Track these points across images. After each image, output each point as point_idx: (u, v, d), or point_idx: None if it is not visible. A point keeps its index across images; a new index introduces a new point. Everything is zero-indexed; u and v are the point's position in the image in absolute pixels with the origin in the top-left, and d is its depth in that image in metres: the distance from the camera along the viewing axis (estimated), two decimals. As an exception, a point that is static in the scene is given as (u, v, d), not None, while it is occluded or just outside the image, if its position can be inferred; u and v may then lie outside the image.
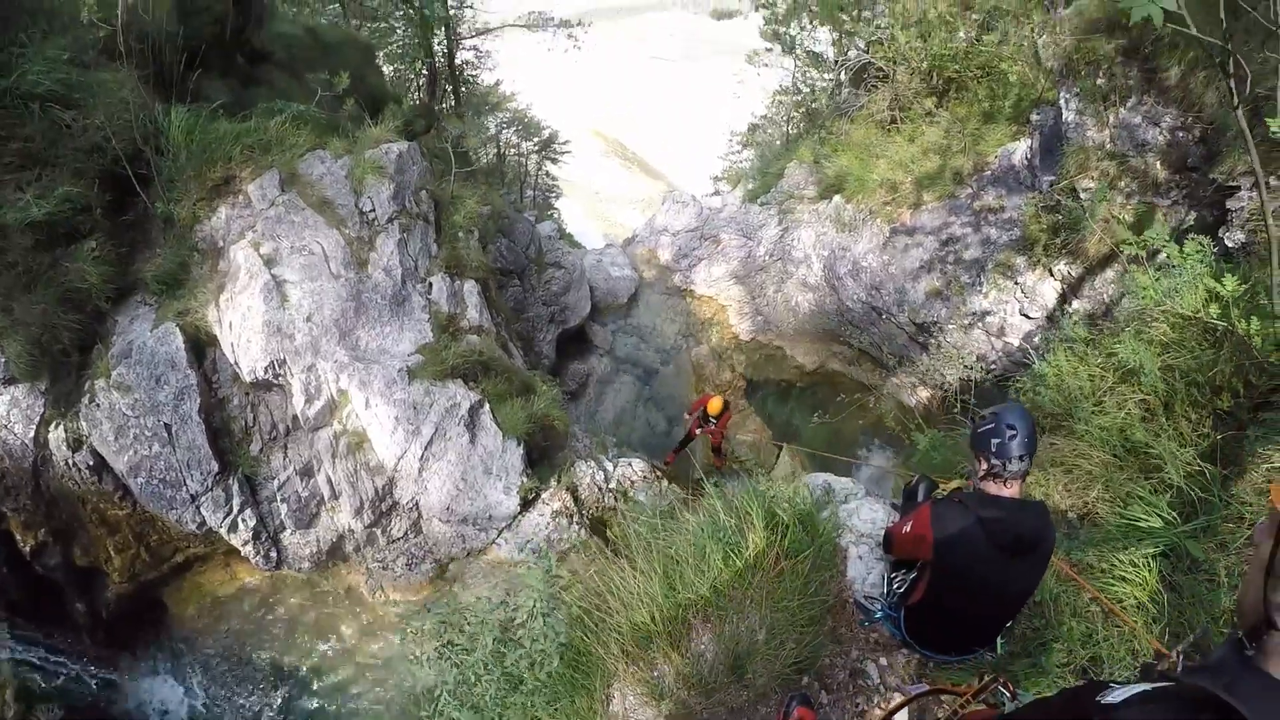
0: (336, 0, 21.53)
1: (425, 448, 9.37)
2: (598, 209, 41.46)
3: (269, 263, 9.27)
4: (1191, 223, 9.39)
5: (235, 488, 9.14)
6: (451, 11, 22.27)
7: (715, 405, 12.27)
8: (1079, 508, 5.57)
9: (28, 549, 8.93)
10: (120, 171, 8.73)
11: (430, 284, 10.53)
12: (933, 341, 13.71)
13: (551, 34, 24.38)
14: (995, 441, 3.27)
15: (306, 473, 9.51)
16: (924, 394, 13.93)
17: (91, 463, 8.74)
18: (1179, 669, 2.18)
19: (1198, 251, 6.52)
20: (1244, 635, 1.43)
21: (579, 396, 15.54)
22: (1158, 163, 10.21)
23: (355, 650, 9.99)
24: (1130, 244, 7.46)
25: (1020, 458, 3.27)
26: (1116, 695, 1.52)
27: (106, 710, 9.32)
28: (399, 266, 10.08)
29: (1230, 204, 8.58)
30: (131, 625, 9.80)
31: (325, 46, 14.86)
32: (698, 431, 12.84)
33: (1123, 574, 4.53)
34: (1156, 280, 6.70)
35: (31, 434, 8.56)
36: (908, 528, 3.62)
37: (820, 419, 13.89)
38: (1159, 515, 4.84)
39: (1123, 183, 10.55)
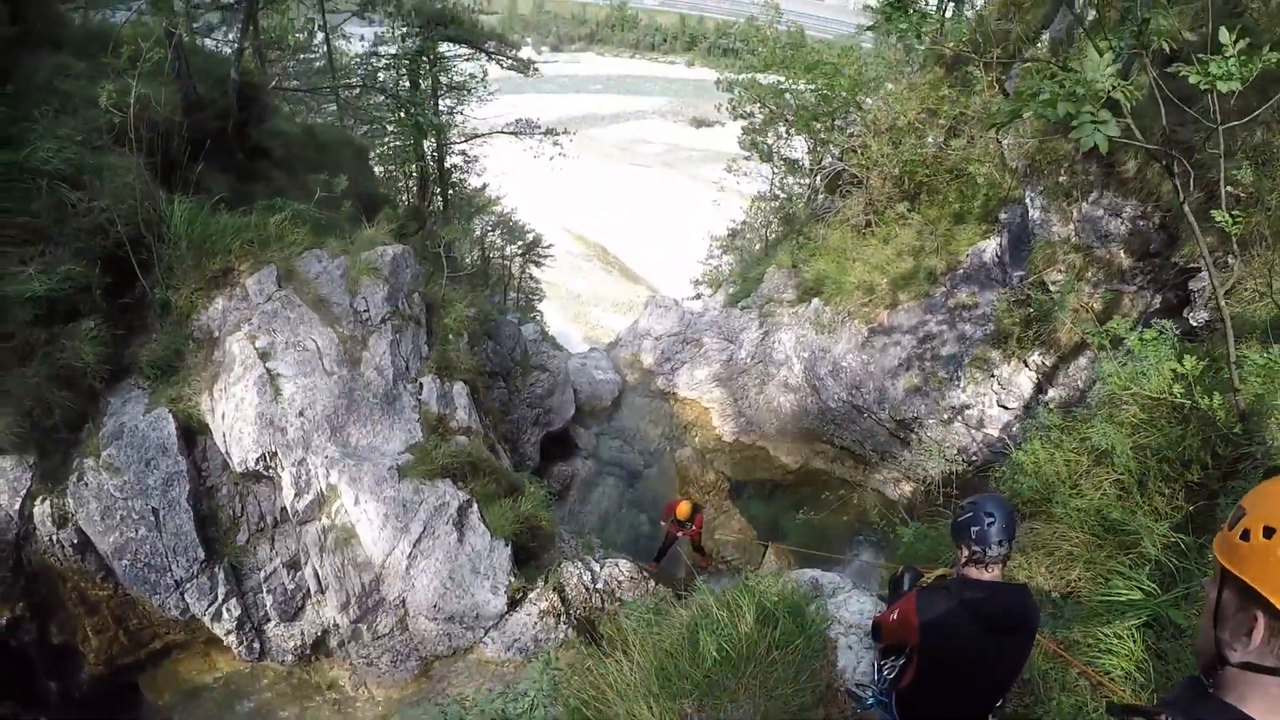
0: (334, 100, 22.16)
1: (414, 545, 9.37)
2: (579, 312, 41.91)
3: (264, 356, 9.41)
4: (1158, 305, 9.81)
5: (221, 576, 9.10)
6: (443, 117, 23.06)
7: (684, 510, 12.35)
8: (1061, 587, 5.70)
9: (2, 622, 8.73)
10: (121, 255, 8.91)
11: (421, 384, 10.71)
12: (914, 436, 13.93)
13: (537, 141, 25.25)
14: (975, 530, 3.35)
15: (293, 565, 9.50)
16: (907, 488, 14.08)
17: (76, 541, 8.69)
18: None
19: (1157, 337, 6.81)
20: (1201, 674, 1.56)
21: (563, 498, 15.50)
22: (1121, 251, 10.65)
23: (338, 748, 9.75)
24: (1095, 335, 7.80)
25: (999, 543, 3.35)
26: None
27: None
28: (391, 366, 10.26)
29: (1192, 285, 8.94)
30: (104, 709, 9.49)
31: (321, 146, 15.31)
32: (677, 534, 12.84)
33: (1108, 647, 4.63)
34: (1123, 366, 6.99)
35: (17, 506, 8.51)
36: (894, 615, 3.72)
37: (805, 516, 14.00)
38: (1139, 588, 4.97)
39: (1089, 273, 10.96)
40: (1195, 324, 8.34)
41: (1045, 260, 11.56)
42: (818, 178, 20.81)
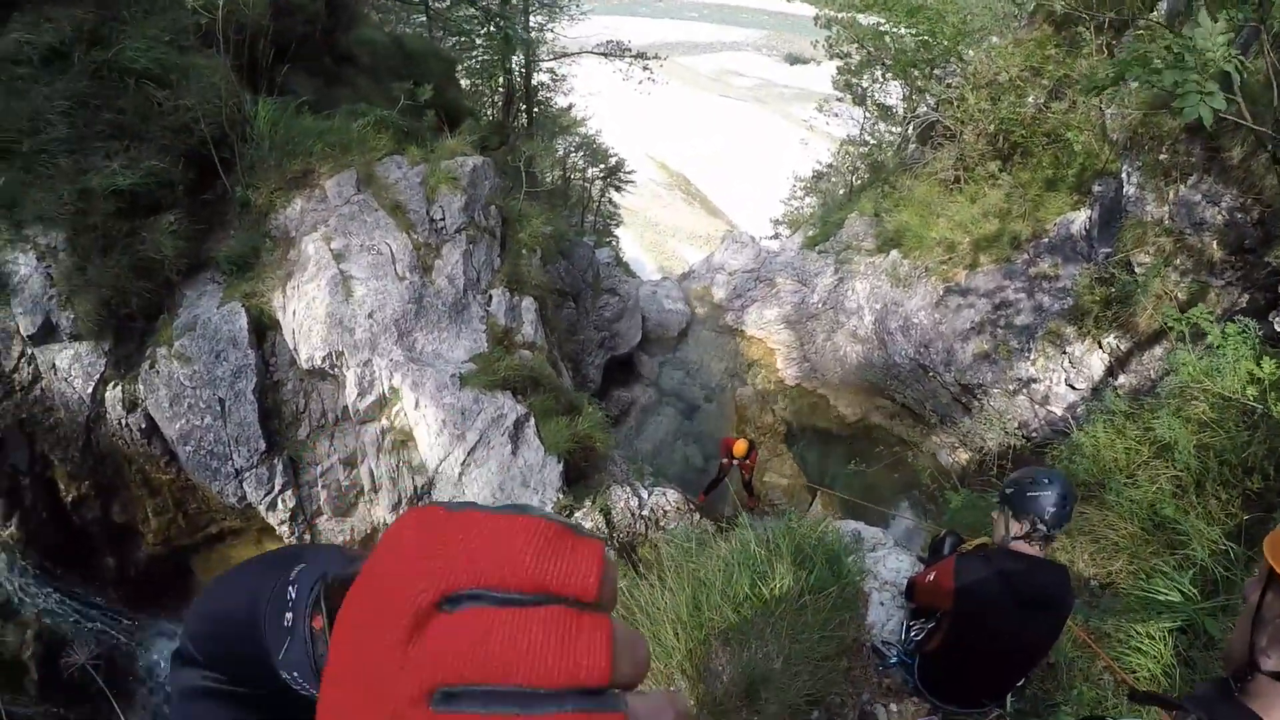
0: (423, 11, 22.07)
1: (468, 453, 9.50)
2: (655, 241, 41.56)
3: (338, 257, 9.52)
4: (1244, 304, 9.45)
5: (279, 468, 9.30)
6: (533, 34, 22.76)
7: (740, 448, 12.41)
8: (1102, 577, 5.65)
9: (69, 500, 9.12)
10: (204, 153, 9.05)
11: (490, 296, 10.76)
12: (976, 403, 13.75)
13: (627, 64, 24.91)
14: (1038, 506, 3.31)
15: (350, 463, 9.66)
16: (962, 455, 13.94)
17: (144, 425, 8.98)
18: None
19: (1240, 333, 6.61)
20: (1230, 677, 1.52)
21: (620, 424, 15.60)
22: (1214, 242, 10.23)
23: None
24: (1176, 320, 7.59)
25: (1058, 525, 3.34)
26: None
27: (129, 661, 9.47)
28: (462, 276, 10.33)
29: None
30: (158, 588, 9.90)
31: (408, 55, 15.24)
32: (728, 465, 12.93)
33: (1138, 645, 4.59)
34: (1199, 359, 6.79)
35: (90, 390, 8.81)
36: (930, 577, 3.71)
37: (856, 469, 13.91)
38: (1180, 590, 4.90)
39: (1178, 260, 10.58)
40: None
41: (1134, 240, 11.16)
42: (910, 126, 20.25)
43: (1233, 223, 10.09)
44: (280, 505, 9.44)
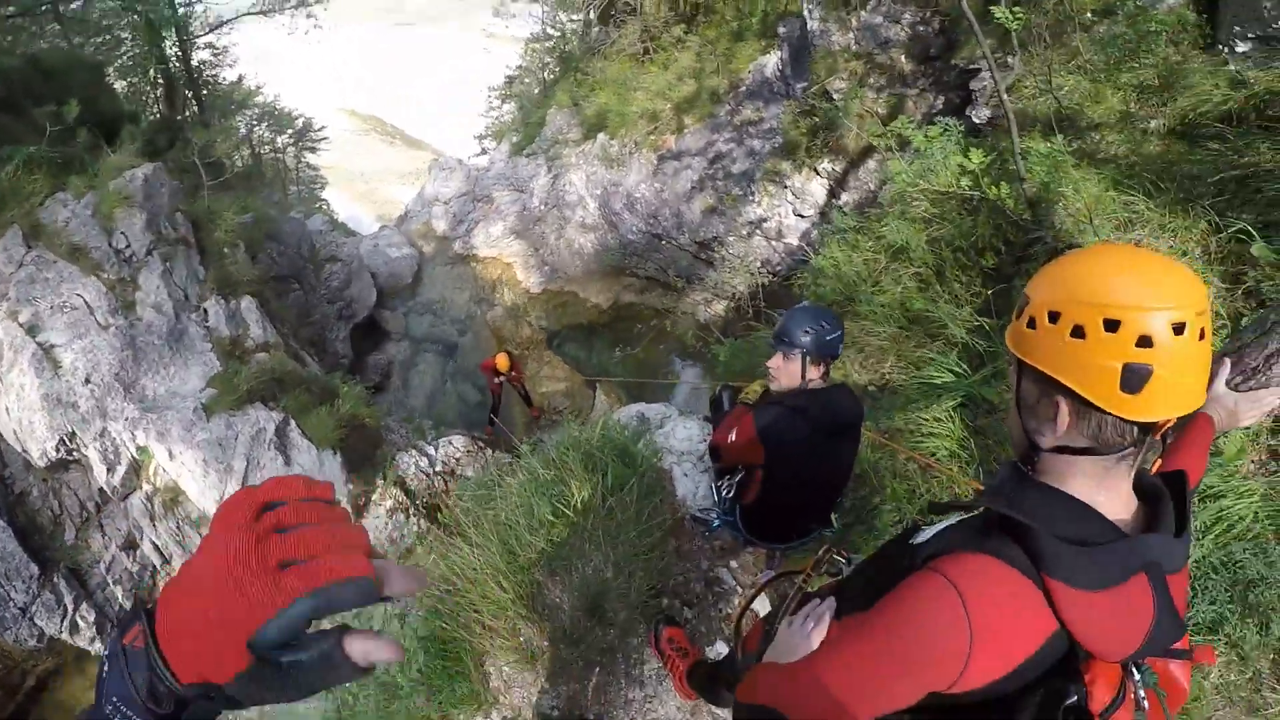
0: (54, 21, 19.56)
1: (242, 482, 8.93)
2: (366, 191, 39.91)
3: (31, 331, 8.66)
4: (940, 106, 10.10)
5: (63, 585, 8.57)
6: (180, 9, 20.69)
7: (501, 362, 12.27)
8: (877, 380, 5.95)
9: None
10: None
11: (205, 310, 10.07)
12: (716, 256, 14.13)
13: (289, 16, 23.43)
14: (805, 339, 3.37)
15: (130, 545, 9.02)
16: (719, 307, 14.35)
17: None
18: None
19: (943, 133, 6.94)
20: (1019, 462, 1.58)
21: (385, 387, 15.20)
22: (902, 56, 10.82)
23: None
24: (881, 136, 7.89)
25: (823, 351, 3.42)
26: (923, 535, 1.64)
27: None
28: (169, 300, 9.58)
29: (973, 85, 9.20)
30: None
31: (48, 74, 13.57)
32: (498, 385, 12.78)
33: (930, 430, 4.82)
34: (911, 164, 7.17)
35: None
36: (733, 436, 3.69)
37: (624, 352, 14.17)
38: (950, 370, 5.18)
39: (871, 79, 11.12)
40: (978, 121, 8.64)
41: (827, 70, 11.61)
42: (589, 10, 20.04)
43: (916, 36, 10.68)
44: (81, 624, 8.71)
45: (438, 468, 10.39)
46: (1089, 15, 7.44)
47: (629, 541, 4.55)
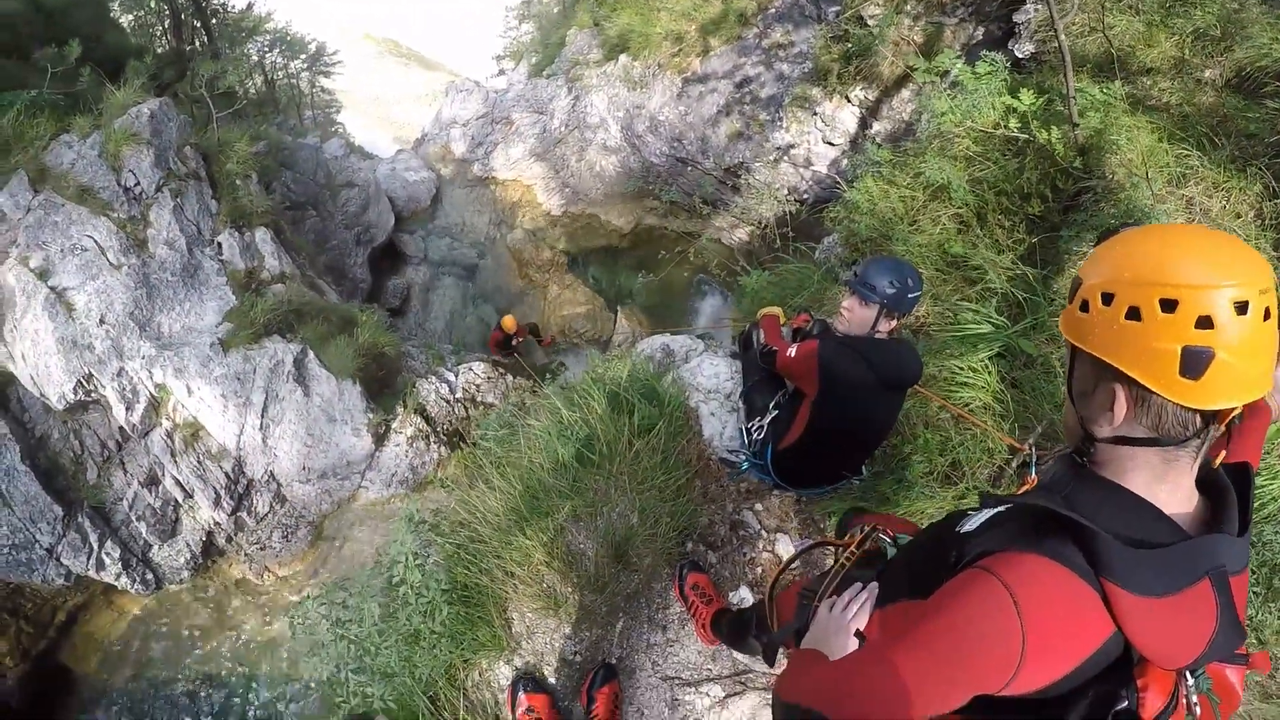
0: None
1: (261, 416, 9.01)
2: (382, 114, 39.53)
3: (42, 275, 8.56)
4: (980, 38, 9.60)
5: (87, 524, 8.59)
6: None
7: (509, 323, 12.16)
8: (911, 324, 5.76)
9: None
10: None
11: (219, 244, 9.96)
12: (742, 181, 13.84)
13: (301, -61, 22.72)
14: (889, 293, 3.37)
15: (152, 482, 9.02)
16: (743, 233, 14.17)
17: None
18: (1033, 461, 2.46)
19: (990, 70, 6.70)
20: (1074, 454, 1.52)
21: (404, 311, 15.18)
22: None
23: (262, 640, 9.65)
24: (923, 72, 7.74)
25: (900, 308, 3.42)
26: (971, 523, 1.56)
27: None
28: (181, 236, 9.46)
29: (1017, 17, 8.75)
30: (44, 703, 9.15)
31: (49, 14, 13.35)
32: (512, 350, 12.58)
33: (964, 380, 4.66)
34: (954, 101, 6.84)
35: None
36: (793, 352, 3.68)
37: (647, 277, 13.99)
38: (988, 320, 4.98)
39: (909, 5, 10.62)
40: (1021, 56, 8.21)
41: (861, -7, 11.16)
42: (612, -77, 19.48)
43: None
44: (108, 560, 8.78)
45: (458, 394, 10.37)
46: (1145, -51, 7.06)
47: (656, 485, 4.47)
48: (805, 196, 12.50)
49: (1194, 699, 1.41)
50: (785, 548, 4.42)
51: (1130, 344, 1.32)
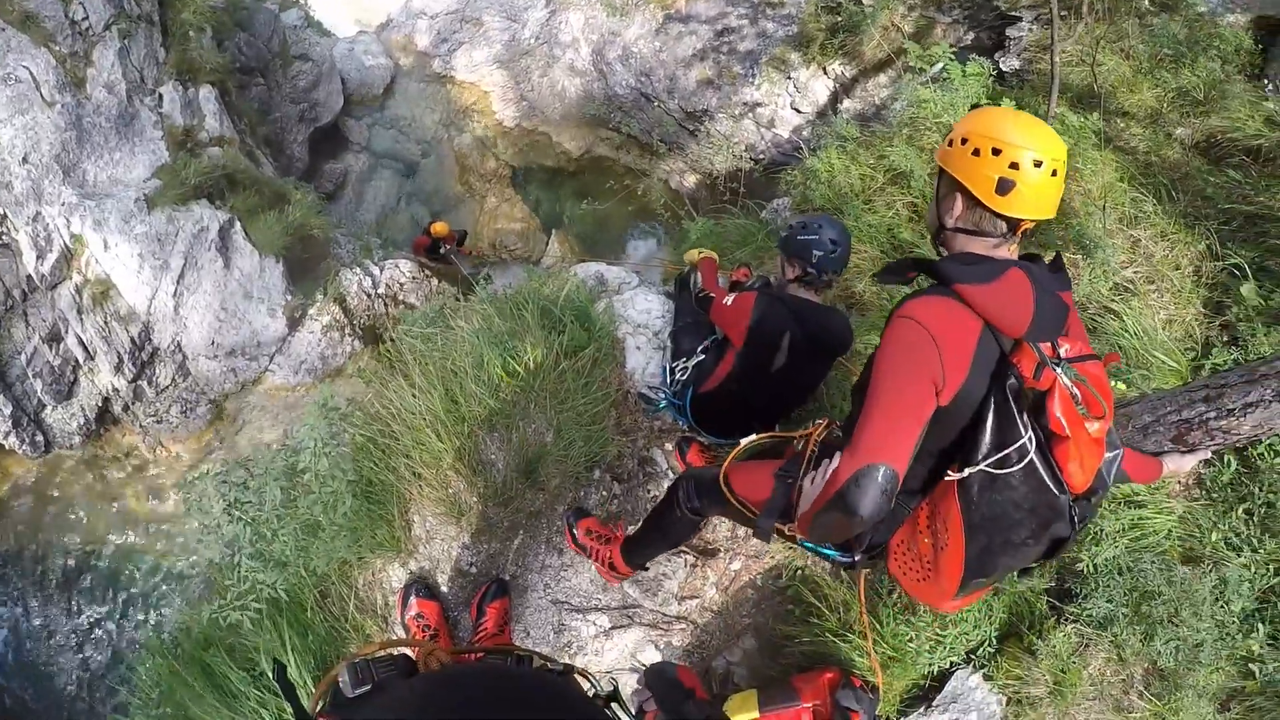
0: None
1: (177, 282, 8.78)
2: (348, -10, 37.77)
3: None
4: (969, 41, 9.83)
5: None
6: None
7: (439, 229, 11.80)
8: (845, 297, 5.88)
9: None
10: None
11: (160, 95, 9.59)
12: (702, 129, 13.74)
13: None
14: (817, 254, 3.58)
15: (54, 338, 8.76)
16: (692, 180, 14.07)
17: None
18: None
19: (978, 74, 7.16)
20: (932, 242, 2.49)
21: (337, 198, 14.76)
22: None
23: (148, 517, 9.52)
24: (916, 57, 8.10)
25: (836, 272, 3.66)
26: None
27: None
28: (122, 80, 9.10)
29: (1010, 32, 8.95)
30: None
31: None
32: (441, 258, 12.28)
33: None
34: (936, 93, 7.17)
35: None
36: (729, 300, 3.80)
37: (589, 205, 13.84)
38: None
39: (907, -7, 10.73)
40: (1005, 69, 8.50)
41: (864, -30, 11.15)
42: None
43: None
44: (-2, 415, 8.37)
45: (380, 290, 10.21)
46: (1148, 3, 7.49)
47: (575, 409, 4.49)
48: (761, 156, 12.48)
49: (1068, 382, 2.02)
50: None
51: (971, 170, 2.15)
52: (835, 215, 6.52)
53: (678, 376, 4.25)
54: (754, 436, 3.06)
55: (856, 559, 2.56)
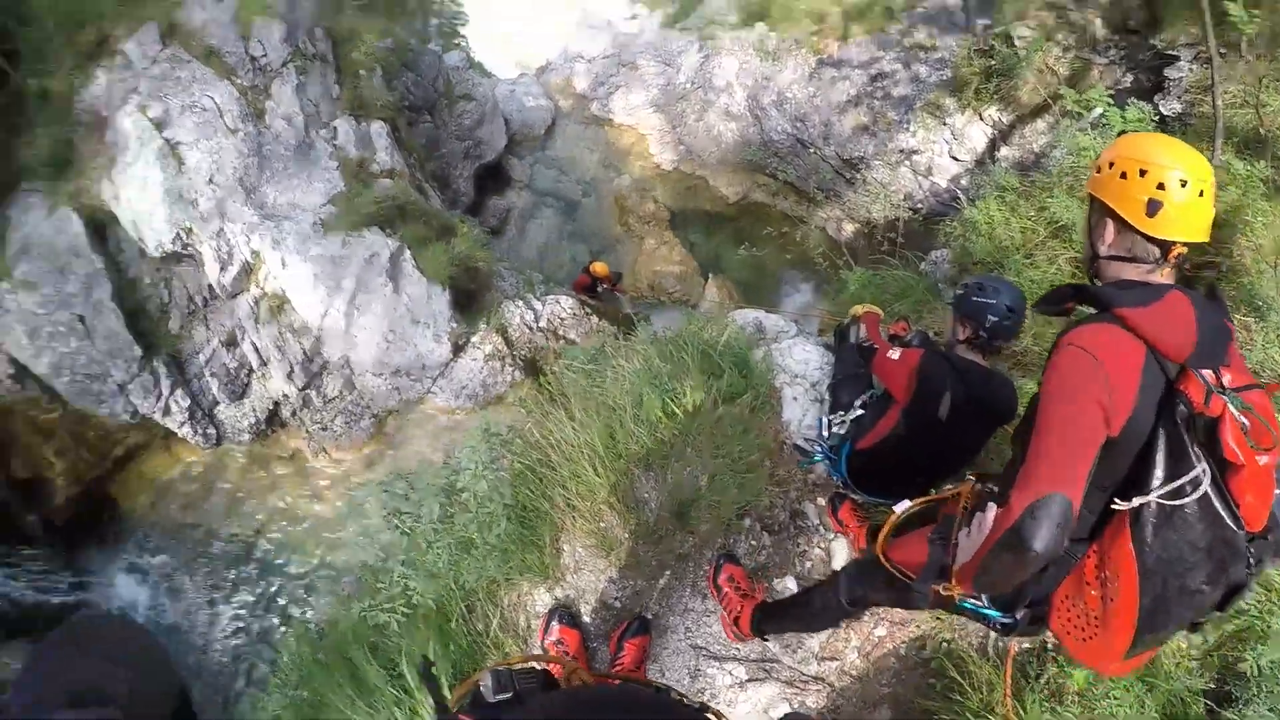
0: None
1: (349, 302, 9.15)
2: (506, 35, 39.12)
3: (159, 126, 8.76)
4: (1127, 84, 9.47)
5: (162, 370, 8.87)
6: None
7: (599, 269, 12.22)
8: (1010, 356, 5.68)
9: None
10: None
11: (335, 129, 10.07)
12: (859, 177, 13.60)
13: None
14: (991, 319, 3.45)
15: (231, 343, 9.28)
16: (849, 228, 13.91)
17: (11, 371, 8.41)
18: None
19: (1139, 119, 6.62)
20: (1091, 275, 2.40)
21: (500, 233, 15.19)
22: (1098, 19, 10.14)
23: (306, 516, 9.89)
24: (1075, 101, 7.59)
25: (1007, 339, 3.55)
26: None
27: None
28: (299, 113, 9.61)
29: (1169, 72, 8.58)
30: (86, 527, 9.53)
31: None
32: (610, 289, 12.69)
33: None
34: (1096, 140, 6.74)
35: (-59, 351, 8.05)
36: (895, 354, 3.73)
37: (746, 251, 13.82)
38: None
39: (1060, 35, 10.47)
40: (1166, 113, 8.06)
41: (1015, 13, 10.95)
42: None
43: (1117, 1, 9.95)
44: (175, 407, 9.08)
45: (542, 323, 10.39)
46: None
47: (730, 455, 4.47)
48: (919, 205, 12.35)
49: (1236, 412, 1.91)
50: (841, 549, 4.41)
51: (1120, 194, 2.16)
52: (996, 270, 6.35)
53: (834, 430, 4.15)
54: (907, 504, 2.97)
55: (1018, 617, 2.43)
